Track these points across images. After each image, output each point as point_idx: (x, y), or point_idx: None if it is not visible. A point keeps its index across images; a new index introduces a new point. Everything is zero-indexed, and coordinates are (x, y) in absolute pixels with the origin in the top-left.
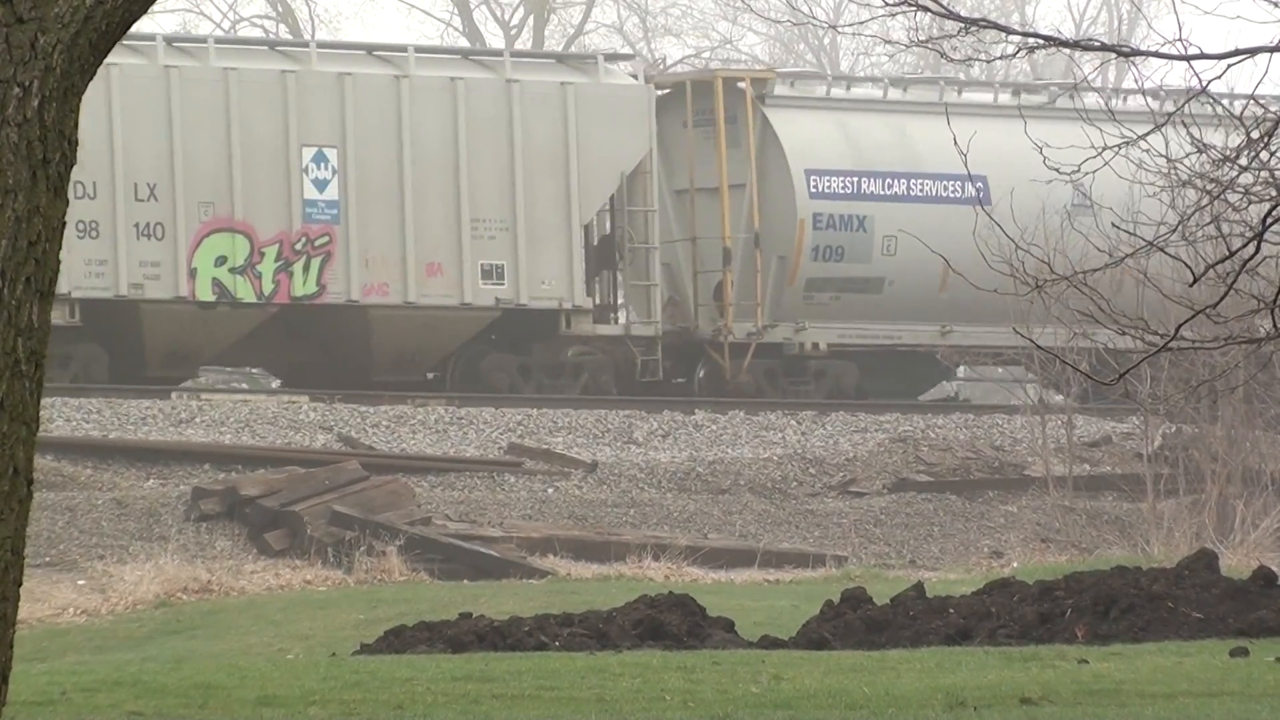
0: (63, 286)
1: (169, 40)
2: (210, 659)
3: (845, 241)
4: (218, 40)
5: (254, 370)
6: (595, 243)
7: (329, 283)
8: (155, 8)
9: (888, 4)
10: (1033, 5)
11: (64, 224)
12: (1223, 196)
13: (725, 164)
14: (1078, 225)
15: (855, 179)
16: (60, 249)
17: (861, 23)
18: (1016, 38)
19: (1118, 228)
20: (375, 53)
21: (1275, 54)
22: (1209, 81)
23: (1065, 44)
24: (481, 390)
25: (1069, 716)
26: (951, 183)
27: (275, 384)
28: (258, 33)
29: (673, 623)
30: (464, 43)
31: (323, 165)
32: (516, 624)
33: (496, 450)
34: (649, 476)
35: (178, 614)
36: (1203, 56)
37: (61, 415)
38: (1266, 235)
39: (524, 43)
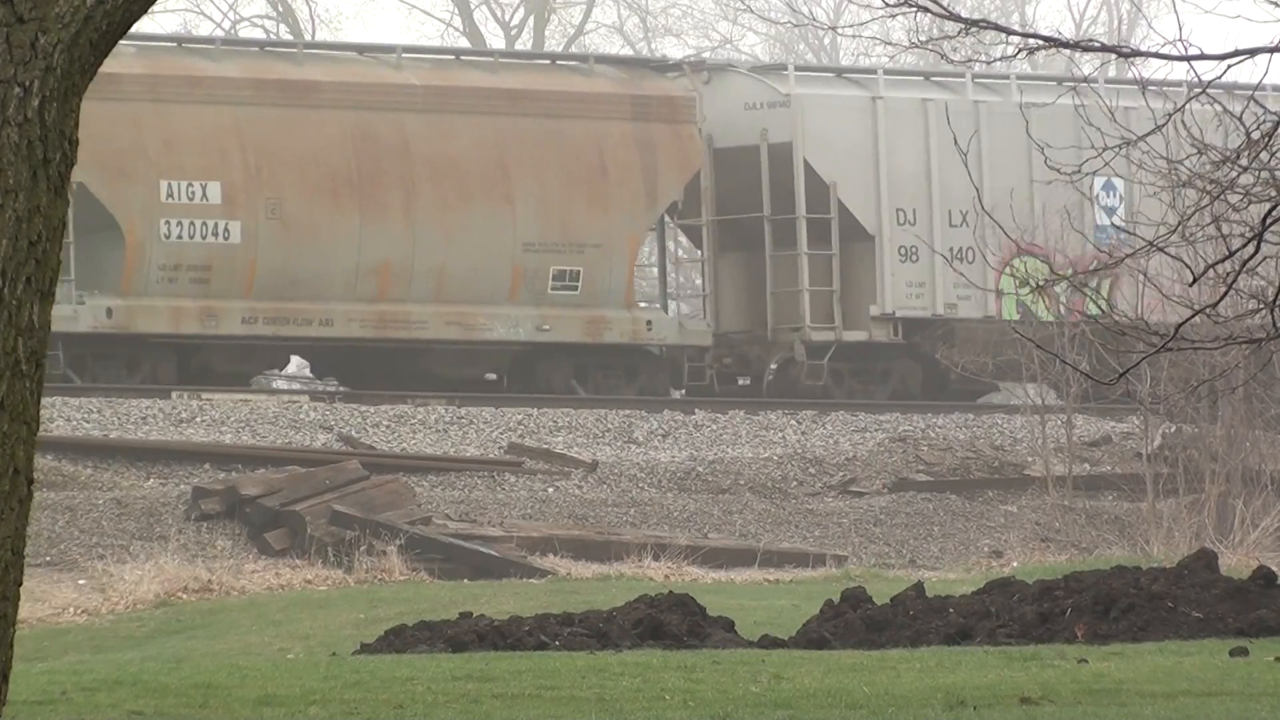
0: (887, 306)
1: (975, 77)
2: (210, 659)
3: None
4: (1019, 77)
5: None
6: None
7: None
8: (155, 8)
9: (888, 4)
10: (1033, 5)
11: (64, 224)
12: (1223, 197)
13: None
14: None
15: None
16: (60, 249)
17: (862, 24)
18: (1016, 38)
19: (1118, 228)
20: (1149, 88)
21: (1275, 54)
22: (1209, 82)
23: (1065, 45)
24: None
25: (1069, 716)
26: None
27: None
28: (258, 33)
29: (673, 622)
30: (464, 43)
31: (1110, 194)
32: (517, 623)
33: (496, 450)
34: (649, 476)
35: (178, 614)
36: (1203, 57)
37: (61, 415)
38: (1266, 235)
39: (524, 43)
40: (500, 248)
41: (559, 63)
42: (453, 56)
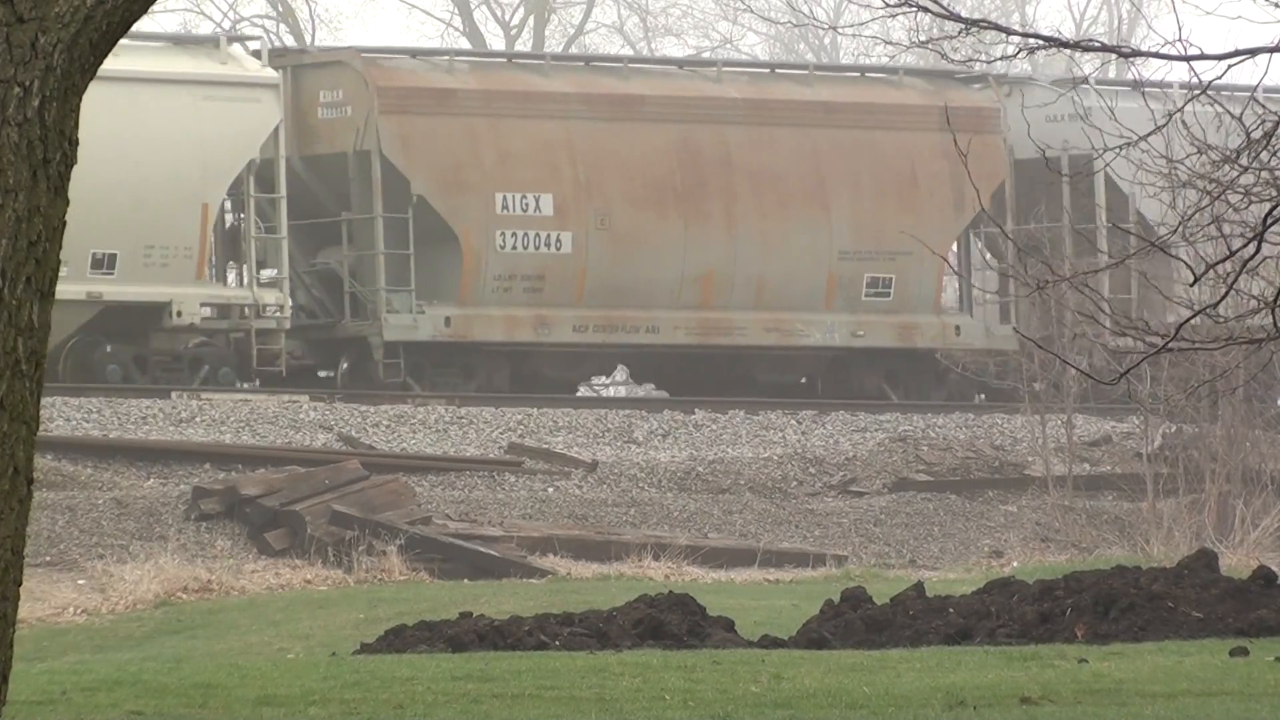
0: (1182, 314)
1: (1266, 91)
2: (210, 658)
3: None
4: None
5: None
6: None
7: None
8: (155, 7)
9: (888, 4)
10: (1033, 5)
11: (64, 224)
12: (1223, 197)
13: None
14: None
15: None
16: (60, 248)
17: (862, 23)
18: (1017, 38)
19: (1118, 228)
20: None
21: (1275, 54)
22: (1209, 82)
23: (1065, 44)
24: None
25: (1069, 716)
26: None
27: None
28: (258, 33)
29: (673, 622)
30: (464, 43)
31: None
32: (517, 623)
33: (496, 450)
34: (649, 476)
35: (178, 613)
36: (1203, 57)
37: (61, 415)
38: (1266, 235)
39: (524, 43)
40: (817, 256)
41: (867, 75)
42: (768, 70)
